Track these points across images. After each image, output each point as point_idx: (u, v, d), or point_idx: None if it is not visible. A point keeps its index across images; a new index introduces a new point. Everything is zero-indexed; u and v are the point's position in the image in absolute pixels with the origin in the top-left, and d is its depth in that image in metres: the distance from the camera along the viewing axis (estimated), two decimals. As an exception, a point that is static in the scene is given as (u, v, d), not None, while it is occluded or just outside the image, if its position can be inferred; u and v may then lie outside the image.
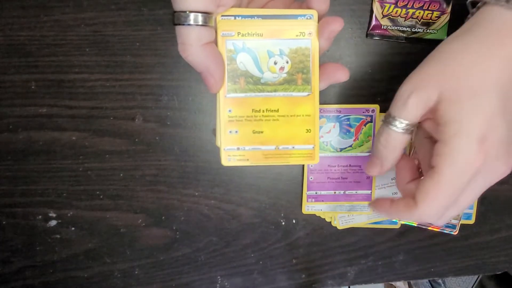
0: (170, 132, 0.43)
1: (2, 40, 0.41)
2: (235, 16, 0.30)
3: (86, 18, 0.41)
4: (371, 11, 0.41)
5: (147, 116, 0.42)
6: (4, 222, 0.44)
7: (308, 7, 0.30)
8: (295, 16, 0.30)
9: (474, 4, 0.33)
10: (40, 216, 0.44)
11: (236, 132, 0.31)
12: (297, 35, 0.30)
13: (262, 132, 0.32)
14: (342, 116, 0.43)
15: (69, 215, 0.44)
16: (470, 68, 0.28)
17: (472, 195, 0.29)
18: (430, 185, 0.28)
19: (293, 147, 0.32)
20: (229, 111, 0.31)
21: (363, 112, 0.43)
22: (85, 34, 0.41)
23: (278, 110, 0.31)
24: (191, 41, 0.27)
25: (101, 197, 0.44)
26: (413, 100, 0.29)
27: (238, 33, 0.30)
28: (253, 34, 0.30)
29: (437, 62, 0.30)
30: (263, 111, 0.31)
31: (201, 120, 0.43)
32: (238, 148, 0.32)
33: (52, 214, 0.44)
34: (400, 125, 0.30)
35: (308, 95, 0.31)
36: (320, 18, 0.31)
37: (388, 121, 0.31)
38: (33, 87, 0.42)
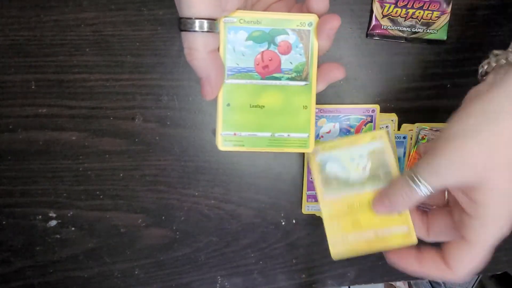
0: (170, 132, 0.43)
1: (2, 40, 0.41)
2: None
3: (86, 18, 0.41)
4: (371, 11, 0.41)
5: (147, 116, 0.42)
6: (4, 222, 0.44)
7: (308, 8, 0.30)
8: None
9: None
10: (40, 216, 0.44)
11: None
12: (369, 140, 0.35)
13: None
14: (342, 116, 0.43)
15: (69, 215, 0.44)
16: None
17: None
18: (467, 256, 0.30)
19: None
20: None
21: (363, 112, 0.43)
22: (85, 34, 0.41)
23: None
24: (198, 47, 0.28)
25: (101, 197, 0.44)
26: (451, 175, 0.28)
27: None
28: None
29: (481, 142, 0.28)
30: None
31: (201, 120, 0.43)
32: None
33: (52, 214, 0.44)
34: (425, 191, 0.30)
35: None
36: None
37: (415, 182, 0.30)
38: (33, 87, 0.42)
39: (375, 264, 0.46)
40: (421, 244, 0.33)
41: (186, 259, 0.45)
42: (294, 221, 0.45)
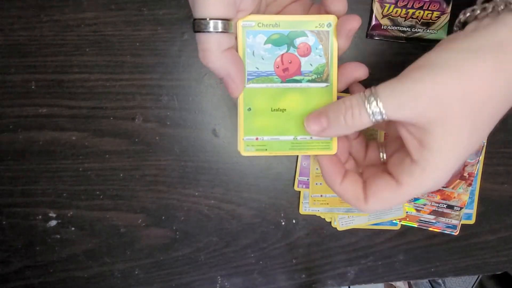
0: (170, 132, 0.43)
1: (2, 40, 0.41)
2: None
3: (86, 18, 0.41)
4: (371, 11, 0.41)
5: (147, 116, 0.42)
6: (4, 222, 0.44)
7: (326, 10, 0.30)
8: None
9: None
10: (40, 216, 0.44)
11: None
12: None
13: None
14: None
15: (69, 215, 0.44)
16: (478, 94, 0.25)
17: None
18: (388, 195, 0.28)
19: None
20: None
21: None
22: (85, 34, 0.41)
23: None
24: (211, 48, 0.27)
25: (101, 197, 0.44)
26: (411, 106, 0.26)
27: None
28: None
29: (454, 79, 0.26)
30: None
31: (201, 120, 0.43)
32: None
33: (52, 214, 0.44)
34: (377, 113, 0.27)
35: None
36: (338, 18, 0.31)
37: (369, 100, 0.27)
38: (33, 87, 0.42)
39: (375, 264, 0.46)
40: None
41: (186, 259, 0.45)
42: (294, 221, 0.45)
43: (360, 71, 0.31)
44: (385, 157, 0.33)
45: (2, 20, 0.40)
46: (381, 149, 0.33)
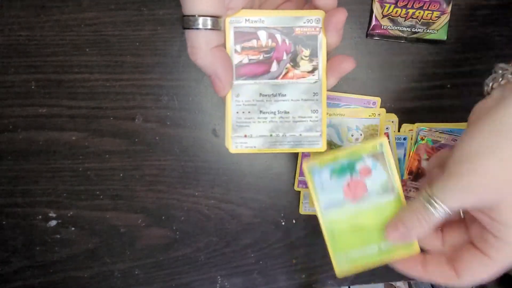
0: (170, 132, 0.43)
1: (2, 40, 0.41)
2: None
3: (86, 18, 0.41)
4: (371, 11, 0.41)
5: (147, 116, 0.42)
6: (4, 222, 0.44)
7: (315, 5, 0.30)
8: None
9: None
10: (40, 216, 0.44)
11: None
12: (369, 116, 0.39)
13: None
14: (342, 104, 0.43)
15: (69, 215, 0.44)
16: None
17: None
18: (481, 269, 0.29)
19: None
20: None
21: (364, 103, 0.43)
22: (85, 34, 0.41)
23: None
24: (200, 45, 0.27)
25: (101, 197, 0.44)
26: (469, 197, 0.28)
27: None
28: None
29: (498, 161, 0.27)
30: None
31: (201, 120, 0.43)
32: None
33: (52, 214, 0.44)
34: (443, 212, 0.28)
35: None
36: None
37: (432, 204, 0.29)
38: (33, 87, 0.42)
39: (375, 264, 0.46)
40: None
41: (186, 259, 0.45)
42: (294, 221, 0.45)
43: (347, 63, 0.31)
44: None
45: (2, 20, 0.40)
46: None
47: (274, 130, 0.32)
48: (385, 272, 0.47)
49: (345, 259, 0.33)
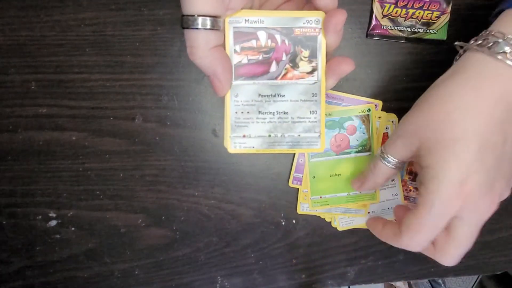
0: (170, 132, 0.43)
1: (2, 40, 0.41)
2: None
3: (86, 18, 0.41)
4: (371, 11, 0.41)
5: (147, 116, 0.42)
6: (4, 222, 0.44)
7: (315, 5, 0.30)
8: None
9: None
10: (40, 216, 0.44)
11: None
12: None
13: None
14: (343, 104, 0.43)
15: (69, 215, 0.44)
16: (451, 116, 0.30)
17: (467, 231, 0.32)
18: (412, 220, 0.32)
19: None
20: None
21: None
22: (85, 34, 0.41)
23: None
24: (199, 45, 0.27)
25: (101, 197, 0.44)
26: (399, 143, 0.33)
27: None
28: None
29: (422, 111, 0.32)
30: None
31: (201, 120, 0.43)
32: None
33: (52, 214, 0.44)
34: (389, 160, 0.35)
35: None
36: None
37: (381, 155, 0.36)
38: (33, 87, 0.42)
39: (375, 264, 0.46)
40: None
41: (186, 259, 0.45)
42: (294, 221, 0.45)
43: (346, 65, 0.32)
44: None
45: (2, 20, 0.40)
46: None
47: (272, 131, 0.32)
48: (385, 272, 0.47)
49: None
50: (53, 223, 0.44)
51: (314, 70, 0.31)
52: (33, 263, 0.44)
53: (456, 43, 0.36)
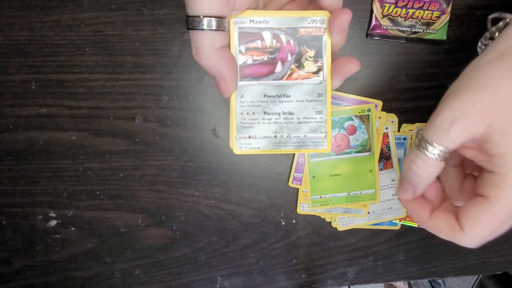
0: (170, 132, 0.43)
1: (2, 40, 0.41)
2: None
3: (86, 18, 0.41)
4: (371, 11, 0.41)
5: (147, 116, 0.42)
6: (4, 222, 0.44)
7: (320, 5, 0.30)
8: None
9: (494, 22, 0.32)
10: (40, 216, 0.44)
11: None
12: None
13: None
14: (343, 104, 0.43)
15: (69, 215, 0.44)
16: None
17: None
18: (483, 215, 0.27)
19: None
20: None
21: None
22: (85, 34, 0.41)
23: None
24: (204, 46, 0.27)
25: (101, 197, 0.44)
26: (458, 128, 0.27)
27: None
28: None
29: (483, 90, 0.27)
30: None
31: (201, 120, 0.43)
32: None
33: (52, 214, 0.44)
34: (437, 152, 0.28)
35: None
36: None
37: (423, 146, 0.28)
38: (33, 87, 0.42)
39: (375, 264, 0.46)
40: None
41: (186, 259, 0.45)
42: (294, 221, 0.45)
43: (351, 65, 0.31)
44: None
45: (2, 20, 0.40)
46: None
47: (278, 131, 0.32)
48: (385, 272, 0.47)
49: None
50: (53, 223, 0.44)
51: (319, 70, 0.31)
52: (33, 263, 0.44)
53: (490, 17, 0.32)
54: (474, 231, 0.28)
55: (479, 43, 0.34)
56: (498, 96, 0.27)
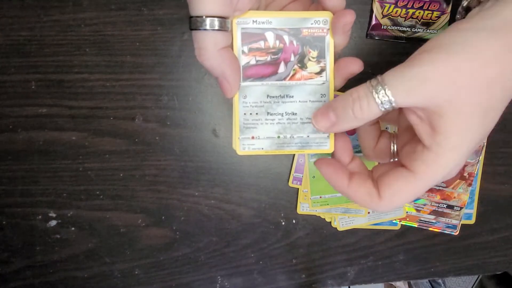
0: (170, 132, 0.43)
1: (2, 40, 0.41)
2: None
3: (86, 18, 0.41)
4: (371, 11, 0.41)
5: (147, 116, 0.42)
6: (4, 222, 0.44)
7: (323, 6, 0.30)
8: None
9: None
10: (40, 216, 0.44)
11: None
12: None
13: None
14: None
15: (69, 215, 0.44)
16: (491, 82, 0.24)
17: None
18: (405, 187, 0.27)
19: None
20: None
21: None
22: (85, 34, 0.41)
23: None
24: (207, 46, 0.27)
25: (101, 197, 0.44)
26: (423, 91, 0.25)
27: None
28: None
29: (472, 61, 0.24)
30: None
31: (201, 120, 0.43)
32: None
33: (52, 214, 0.44)
34: (387, 102, 0.26)
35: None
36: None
37: (377, 89, 0.26)
38: (33, 87, 0.42)
39: (375, 264, 0.46)
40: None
41: (186, 259, 0.45)
42: (294, 221, 0.45)
43: (354, 65, 0.31)
44: (395, 149, 0.31)
45: (2, 20, 0.40)
46: (393, 140, 0.31)
47: (281, 132, 0.32)
48: (385, 272, 0.47)
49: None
50: (53, 223, 0.44)
51: (322, 70, 0.31)
52: (33, 263, 0.44)
53: None
54: (392, 198, 0.27)
55: (463, 1, 0.32)
56: (483, 74, 0.24)
